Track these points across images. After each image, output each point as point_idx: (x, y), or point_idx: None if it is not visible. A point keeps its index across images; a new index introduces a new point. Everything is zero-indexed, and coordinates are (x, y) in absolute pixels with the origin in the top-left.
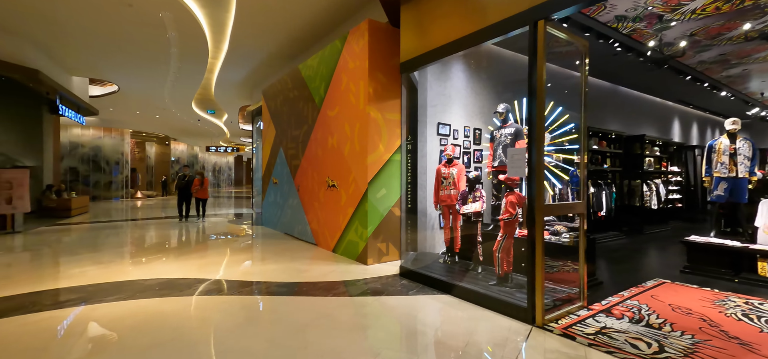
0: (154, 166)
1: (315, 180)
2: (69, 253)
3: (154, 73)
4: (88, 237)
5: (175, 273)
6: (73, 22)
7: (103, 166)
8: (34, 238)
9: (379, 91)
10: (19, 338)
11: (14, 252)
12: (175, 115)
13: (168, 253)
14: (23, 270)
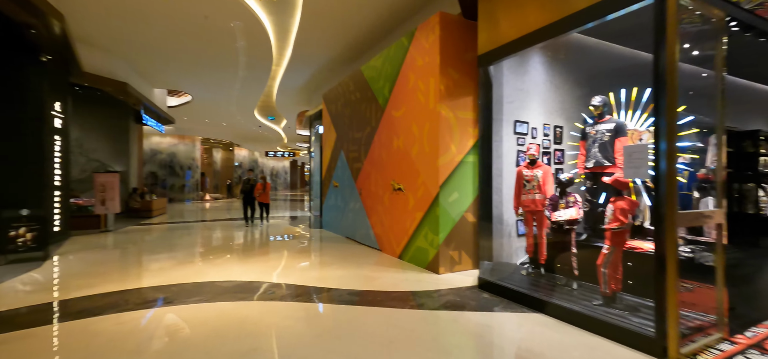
0: (219, 171)
1: (379, 184)
2: (152, 252)
3: (223, 83)
4: (167, 236)
5: (248, 276)
6: (156, 38)
7: (177, 171)
8: (123, 237)
9: (451, 88)
10: (114, 337)
11: (107, 249)
12: (240, 122)
13: (239, 255)
14: (116, 268)
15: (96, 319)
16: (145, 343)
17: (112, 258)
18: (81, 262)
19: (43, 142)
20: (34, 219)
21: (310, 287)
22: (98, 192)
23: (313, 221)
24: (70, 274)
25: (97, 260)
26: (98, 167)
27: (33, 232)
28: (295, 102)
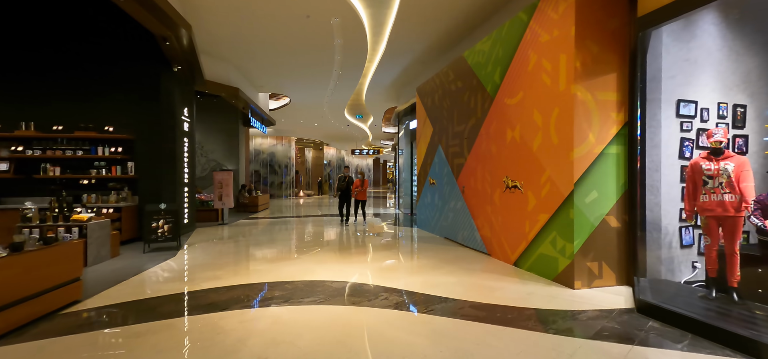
0: (310, 169)
1: (486, 181)
2: (262, 245)
3: (319, 84)
4: (272, 231)
5: (356, 277)
6: (263, 43)
7: (276, 169)
8: (237, 230)
9: (589, 65)
10: (241, 337)
11: (225, 241)
12: (330, 122)
13: (341, 253)
14: (234, 261)
15: (222, 314)
16: (272, 349)
17: (231, 251)
18: (205, 253)
19: (176, 143)
20: (170, 213)
21: (423, 294)
22: (216, 189)
23: (403, 219)
24: (198, 265)
25: (219, 251)
26: (215, 166)
27: (169, 224)
28: (383, 99)
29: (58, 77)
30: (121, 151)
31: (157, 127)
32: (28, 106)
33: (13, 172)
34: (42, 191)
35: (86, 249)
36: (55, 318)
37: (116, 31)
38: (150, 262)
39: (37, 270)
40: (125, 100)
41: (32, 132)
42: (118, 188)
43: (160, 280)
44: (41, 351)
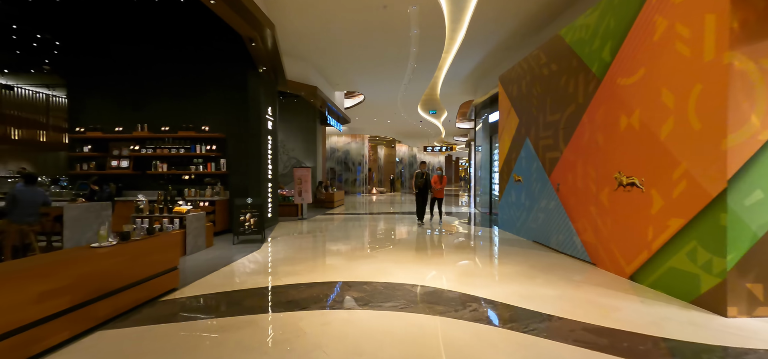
0: (383, 166)
1: (589, 177)
2: (340, 241)
3: (393, 80)
4: (349, 227)
5: (437, 281)
6: (340, 40)
7: (350, 166)
8: (315, 225)
9: (752, 24)
10: (321, 342)
11: (304, 236)
12: (403, 119)
13: (419, 254)
14: (313, 256)
15: (302, 315)
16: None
17: (309, 245)
18: (287, 247)
19: (261, 141)
20: (255, 207)
21: (519, 309)
22: (296, 185)
23: (481, 219)
24: (280, 259)
25: (298, 246)
26: (295, 163)
27: (254, 218)
28: (459, 92)
29: (164, 81)
30: (215, 148)
31: (244, 125)
32: (143, 110)
33: (131, 168)
34: (153, 185)
35: (185, 239)
36: (156, 304)
37: (210, 36)
38: (238, 254)
39: (141, 258)
40: (218, 100)
41: (146, 133)
42: (213, 183)
43: (246, 272)
44: (140, 338)
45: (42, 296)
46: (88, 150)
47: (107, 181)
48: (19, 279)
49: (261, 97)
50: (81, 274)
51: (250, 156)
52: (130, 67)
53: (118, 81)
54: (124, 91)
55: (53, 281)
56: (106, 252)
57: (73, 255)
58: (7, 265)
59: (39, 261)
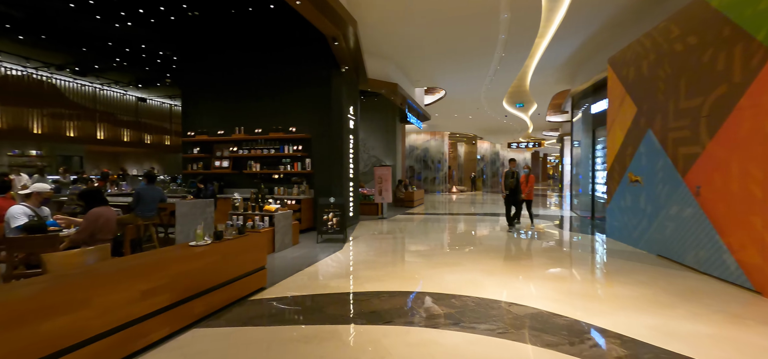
0: (463, 164)
1: (753, 178)
2: (421, 244)
3: (477, 73)
4: (430, 228)
5: (540, 302)
6: (420, 34)
7: (429, 164)
8: (395, 225)
9: None
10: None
11: (386, 237)
12: (486, 114)
13: (511, 263)
14: (396, 260)
15: (386, 330)
16: None
17: (390, 248)
18: (368, 248)
19: (343, 140)
20: (338, 207)
21: (664, 352)
22: (377, 184)
23: (580, 224)
24: (361, 261)
25: (379, 248)
26: (375, 162)
27: (337, 218)
28: (553, 81)
29: (258, 86)
30: (301, 148)
31: (328, 125)
32: (240, 114)
33: (231, 168)
34: (248, 183)
35: (274, 237)
36: (245, 303)
37: (296, 39)
38: (321, 253)
39: (233, 257)
40: (304, 102)
41: (242, 135)
42: (299, 182)
43: (328, 274)
44: (227, 339)
45: (145, 293)
46: (196, 152)
47: (211, 180)
48: (125, 277)
49: (343, 97)
50: (179, 273)
51: (333, 155)
52: (229, 75)
53: (220, 89)
54: (225, 98)
55: (155, 279)
56: (201, 251)
57: (172, 254)
58: (116, 264)
59: (142, 260)
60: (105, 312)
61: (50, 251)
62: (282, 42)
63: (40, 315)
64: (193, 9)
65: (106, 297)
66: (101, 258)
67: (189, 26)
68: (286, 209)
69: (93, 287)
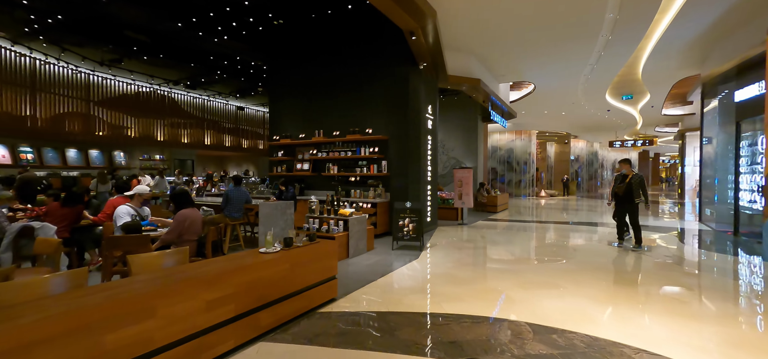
0: (553, 166)
1: None
2: (508, 256)
3: (573, 62)
4: (517, 237)
5: (684, 352)
6: (507, 23)
7: (514, 166)
8: (476, 232)
9: None
10: None
11: (466, 246)
12: (583, 109)
13: (629, 291)
14: (478, 276)
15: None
16: None
17: (471, 259)
18: (446, 258)
19: (421, 142)
20: (414, 212)
21: None
22: (456, 187)
23: (716, 240)
24: (439, 273)
25: (459, 259)
26: (455, 164)
27: (413, 224)
28: (675, 65)
29: (336, 89)
30: (377, 150)
31: (404, 126)
32: (319, 117)
33: (310, 170)
34: (326, 186)
35: (348, 242)
36: (313, 316)
37: (372, 37)
38: (397, 261)
39: (302, 266)
40: (381, 103)
41: (321, 138)
42: (375, 185)
43: (403, 288)
44: (293, 357)
45: (210, 304)
46: (280, 155)
47: (292, 182)
48: (191, 286)
49: (421, 96)
50: (246, 282)
51: (410, 157)
52: (310, 80)
53: (301, 94)
54: (306, 102)
55: (221, 288)
56: (270, 259)
57: (239, 262)
58: (182, 272)
59: (208, 268)
60: (170, 322)
61: (142, 251)
62: (359, 43)
63: (105, 325)
64: (277, 18)
65: (172, 308)
66: (180, 260)
67: (275, 35)
68: (361, 213)
69: (159, 296)
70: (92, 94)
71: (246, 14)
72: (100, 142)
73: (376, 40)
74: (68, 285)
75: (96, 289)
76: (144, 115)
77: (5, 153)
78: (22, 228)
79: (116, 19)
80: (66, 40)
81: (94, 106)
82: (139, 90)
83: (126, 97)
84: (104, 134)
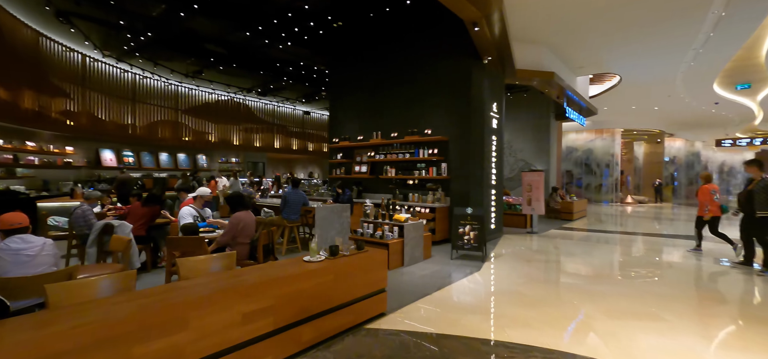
0: (641, 168)
1: None
2: (588, 274)
3: (673, 46)
4: (598, 250)
5: None
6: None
7: (593, 169)
8: (548, 243)
9: None
10: None
11: (535, 259)
12: (682, 103)
13: (761, 331)
14: (549, 296)
15: None
16: None
17: (542, 275)
18: (512, 272)
19: (484, 142)
20: (476, 219)
21: None
22: (525, 192)
23: None
24: (504, 290)
25: (528, 274)
26: (524, 166)
27: (475, 231)
28: None
29: (394, 89)
30: (437, 152)
31: (466, 126)
32: (377, 119)
33: (368, 172)
34: (384, 189)
35: (403, 249)
36: (359, 332)
37: (432, 33)
38: (456, 272)
39: (348, 277)
40: (441, 102)
41: (379, 140)
42: (434, 188)
43: (461, 305)
44: None
45: (247, 316)
46: (339, 157)
47: (350, 185)
48: (226, 296)
49: (485, 93)
50: (287, 293)
51: (472, 159)
52: (368, 80)
53: (360, 95)
54: (364, 103)
55: (259, 300)
56: (314, 268)
57: (280, 271)
58: (217, 281)
59: (246, 278)
60: (202, 335)
61: (198, 252)
62: (418, 39)
63: (135, 336)
64: (337, 20)
65: (205, 319)
66: (227, 265)
67: (335, 38)
68: (418, 218)
69: (192, 307)
70: (180, 103)
71: (307, 19)
72: (186, 146)
73: (436, 34)
74: (116, 287)
75: (134, 296)
76: (222, 121)
77: (112, 156)
78: (104, 225)
79: (196, 33)
80: (158, 55)
81: (181, 113)
82: (218, 98)
83: (207, 105)
84: (189, 139)
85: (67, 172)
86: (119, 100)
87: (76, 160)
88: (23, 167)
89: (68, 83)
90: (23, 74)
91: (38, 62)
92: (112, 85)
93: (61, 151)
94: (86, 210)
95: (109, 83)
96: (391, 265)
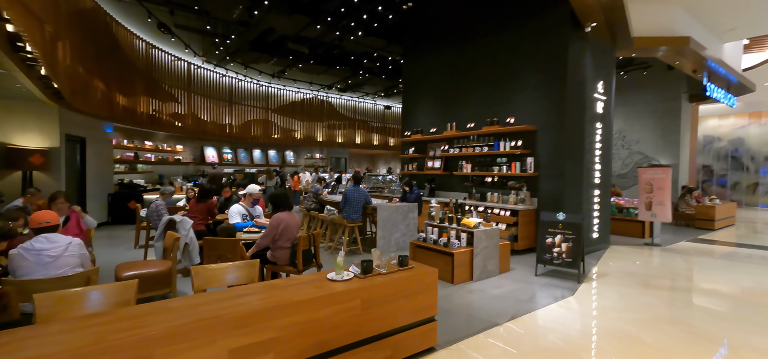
0: None
1: None
2: (744, 311)
3: None
4: (752, 277)
5: None
6: None
7: (745, 164)
8: (676, 260)
9: None
10: None
11: (655, 283)
12: None
13: None
14: (682, 338)
15: None
16: None
17: (669, 310)
18: (622, 301)
19: (585, 132)
20: (570, 227)
21: None
22: (643, 193)
23: None
24: (609, 329)
25: (645, 304)
26: (641, 161)
27: (568, 243)
28: None
29: (471, 75)
30: (521, 144)
31: (560, 112)
32: (452, 109)
33: (442, 168)
34: (459, 186)
35: (472, 260)
36: None
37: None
38: (540, 292)
39: (383, 302)
40: (528, 85)
41: (454, 132)
42: (517, 188)
43: (545, 345)
44: None
45: (234, 354)
46: (411, 152)
47: (422, 182)
48: (210, 327)
49: (587, 69)
50: (298, 322)
51: (568, 153)
52: (441, 66)
53: (433, 84)
54: (437, 92)
55: (255, 331)
56: (338, 291)
57: (291, 293)
58: (197, 305)
59: (243, 300)
60: None
61: (232, 255)
62: (499, 11)
63: None
64: (406, 1)
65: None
66: (246, 276)
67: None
68: (492, 223)
69: (160, 341)
70: (270, 103)
71: (373, 2)
72: (275, 143)
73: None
74: (110, 301)
75: (92, 320)
76: (307, 118)
77: (214, 153)
78: (168, 220)
79: (273, 31)
80: (246, 58)
81: (270, 112)
82: (303, 97)
83: (294, 103)
84: (278, 137)
85: (178, 167)
86: (218, 101)
87: (184, 157)
88: (143, 163)
89: (176, 89)
90: (139, 83)
91: (151, 71)
92: (213, 89)
93: (172, 149)
94: (160, 205)
95: (210, 87)
96: (456, 279)
